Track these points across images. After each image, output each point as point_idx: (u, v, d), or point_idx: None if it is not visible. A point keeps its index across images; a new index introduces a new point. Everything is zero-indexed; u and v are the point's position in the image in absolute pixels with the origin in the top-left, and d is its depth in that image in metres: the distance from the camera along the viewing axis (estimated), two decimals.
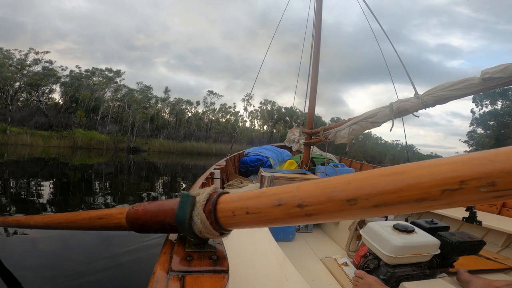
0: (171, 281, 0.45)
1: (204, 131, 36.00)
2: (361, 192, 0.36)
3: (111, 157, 15.88)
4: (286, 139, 4.43)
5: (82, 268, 2.15)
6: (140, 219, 0.58)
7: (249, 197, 0.46)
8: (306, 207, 0.39)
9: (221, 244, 0.57)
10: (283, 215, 0.41)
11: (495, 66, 1.90)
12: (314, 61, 3.77)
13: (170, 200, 0.56)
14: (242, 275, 0.77)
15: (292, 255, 1.58)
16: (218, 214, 0.49)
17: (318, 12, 3.80)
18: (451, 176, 0.31)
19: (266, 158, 4.03)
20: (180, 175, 10.91)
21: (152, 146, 25.72)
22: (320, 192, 0.38)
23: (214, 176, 2.55)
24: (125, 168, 11.55)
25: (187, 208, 0.50)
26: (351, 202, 0.36)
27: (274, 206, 0.42)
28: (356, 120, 2.87)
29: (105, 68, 32.24)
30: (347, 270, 1.42)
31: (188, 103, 38.21)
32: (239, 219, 0.47)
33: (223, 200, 0.50)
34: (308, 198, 0.39)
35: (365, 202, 0.35)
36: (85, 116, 26.65)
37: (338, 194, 0.37)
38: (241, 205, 0.46)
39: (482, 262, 1.75)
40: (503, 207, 2.42)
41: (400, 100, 2.59)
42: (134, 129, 27.77)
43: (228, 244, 0.57)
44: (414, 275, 1.20)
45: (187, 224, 0.50)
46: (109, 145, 22.81)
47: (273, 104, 42.61)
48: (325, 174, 3.32)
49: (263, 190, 0.45)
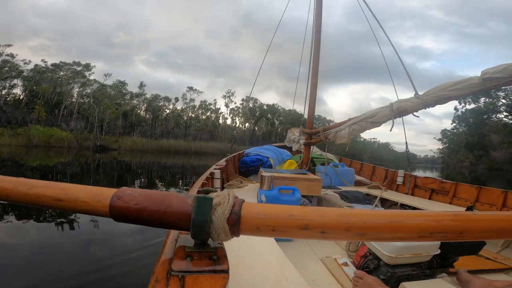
0: (171, 281, 0.45)
1: (183, 128, 34.47)
2: (371, 229, 0.47)
3: (75, 157, 14.30)
4: (286, 139, 4.44)
5: (82, 268, 2.15)
6: (132, 214, 0.52)
7: (277, 216, 0.49)
8: (326, 234, 0.48)
9: (221, 244, 0.57)
10: (304, 236, 0.49)
11: (495, 66, 1.90)
12: (314, 62, 3.77)
13: (175, 197, 0.53)
14: (242, 275, 0.77)
15: (292, 255, 1.58)
16: (241, 227, 0.50)
17: (318, 13, 3.80)
18: (426, 228, 0.47)
19: (266, 158, 4.03)
20: (158, 175, 10.10)
21: (123, 145, 23.76)
22: (341, 225, 0.48)
23: (214, 176, 2.55)
24: (91, 168, 10.54)
25: (206, 214, 0.49)
26: (362, 235, 0.48)
27: (300, 229, 0.48)
28: (356, 120, 2.87)
29: (72, 62, 29.94)
30: (347, 270, 1.42)
31: (166, 100, 36.80)
32: (262, 233, 0.50)
33: (247, 212, 0.50)
34: (331, 228, 0.48)
35: (371, 236, 0.49)
36: (45, 111, 24.42)
37: (354, 228, 0.47)
38: (268, 223, 0.49)
39: (482, 262, 1.75)
40: (503, 207, 2.42)
41: (400, 100, 2.59)
42: (103, 126, 25.73)
43: (228, 244, 0.57)
44: (414, 275, 1.20)
45: (206, 229, 0.49)
46: (71, 143, 20.75)
47: (255, 101, 41.53)
48: (325, 174, 3.32)
49: (291, 212, 0.50)
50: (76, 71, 29.17)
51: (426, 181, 3.17)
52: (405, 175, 3.43)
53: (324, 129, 3.26)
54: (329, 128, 3.21)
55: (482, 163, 30.92)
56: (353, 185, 3.55)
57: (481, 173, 25.00)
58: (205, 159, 20.61)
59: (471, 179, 15.87)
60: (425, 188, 3.15)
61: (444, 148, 41.32)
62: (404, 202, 2.86)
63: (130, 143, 24.45)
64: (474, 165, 31.82)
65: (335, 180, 3.39)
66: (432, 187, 3.06)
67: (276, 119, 42.98)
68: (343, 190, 2.93)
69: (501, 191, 2.47)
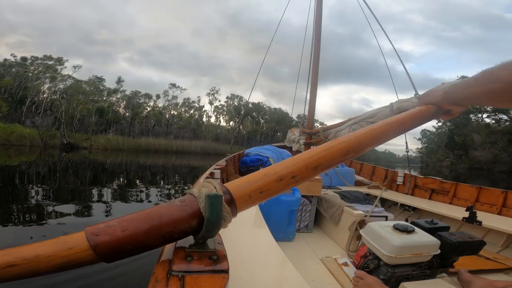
0: (171, 281, 0.45)
1: (165, 126, 33.10)
2: (320, 160, 0.59)
3: (39, 156, 12.82)
4: (286, 139, 4.44)
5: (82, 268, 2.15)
6: (127, 244, 0.44)
7: (257, 179, 0.56)
8: (296, 177, 0.57)
9: (221, 244, 0.57)
10: (283, 186, 0.56)
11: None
12: (314, 62, 3.78)
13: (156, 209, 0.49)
14: (242, 275, 0.77)
15: (292, 255, 1.58)
16: (236, 202, 0.53)
17: (318, 13, 3.80)
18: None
19: (266, 158, 4.03)
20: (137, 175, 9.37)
21: (95, 143, 21.91)
22: (302, 164, 0.58)
23: (214, 176, 2.55)
24: (58, 168, 9.50)
25: (219, 208, 0.49)
26: (316, 167, 0.59)
27: (277, 181, 0.55)
28: (356, 120, 2.87)
29: (43, 56, 27.92)
30: (347, 270, 1.42)
31: (146, 97, 35.18)
32: (254, 199, 0.54)
33: (232, 188, 0.54)
34: (297, 170, 0.57)
35: (321, 168, 0.59)
36: (8, 107, 22.33)
37: (309, 164, 0.58)
38: (255, 188, 0.54)
39: (482, 262, 1.75)
40: (503, 207, 2.42)
41: (400, 100, 2.59)
42: (74, 123, 24.11)
43: (228, 244, 0.57)
44: (414, 275, 1.20)
45: (220, 222, 0.50)
46: (34, 141, 18.76)
47: (240, 99, 40.41)
48: (325, 174, 3.33)
49: (264, 172, 0.57)
50: (47, 66, 27.34)
51: (426, 181, 3.17)
52: (405, 175, 3.43)
53: (324, 129, 3.26)
54: (329, 128, 3.22)
55: (462, 163, 31.36)
56: (353, 185, 3.55)
57: (461, 172, 24.89)
58: (188, 159, 19.53)
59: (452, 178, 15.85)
60: (425, 188, 3.15)
61: (422, 148, 42.97)
62: (404, 202, 2.86)
63: (104, 141, 22.59)
64: (454, 164, 32.25)
65: (335, 180, 3.40)
66: (432, 187, 3.06)
67: (261, 118, 42.19)
68: (343, 190, 2.93)
69: (501, 191, 2.47)
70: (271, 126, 41.33)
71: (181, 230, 0.49)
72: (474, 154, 29.02)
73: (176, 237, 0.50)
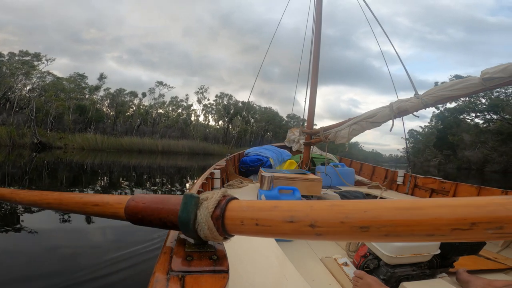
0: (171, 281, 0.45)
1: (151, 125, 31.86)
2: (375, 221, 0.37)
3: (8, 156, 11.86)
4: (286, 139, 4.44)
5: (81, 268, 2.15)
6: (140, 213, 0.57)
7: (261, 208, 0.46)
8: (317, 228, 0.40)
9: (221, 244, 0.57)
10: (293, 232, 0.42)
11: (495, 66, 1.90)
12: (314, 62, 3.78)
13: (174, 197, 0.56)
14: (242, 275, 0.77)
15: (292, 255, 1.58)
16: (225, 221, 0.49)
17: (318, 13, 3.80)
18: (464, 217, 0.34)
19: (266, 158, 4.03)
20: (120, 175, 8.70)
21: (71, 142, 20.32)
22: (334, 215, 0.39)
23: (214, 176, 2.55)
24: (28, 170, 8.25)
25: (190, 210, 0.50)
26: (364, 229, 0.37)
27: (285, 222, 0.42)
28: (356, 120, 2.87)
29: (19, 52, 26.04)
30: (347, 270, 1.42)
31: (132, 95, 33.69)
32: (246, 228, 0.47)
33: (232, 207, 0.50)
34: (321, 220, 0.39)
35: (377, 231, 0.37)
36: None
37: (352, 220, 0.38)
38: (251, 216, 0.46)
39: (482, 262, 1.75)
40: None
41: (400, 100, 2.60)
42: (48, 121, 22.71)
43: (228, 244, 0.57)
44: (414, 275, 1.20)
45: (191, 226, 0.50)
46: (2, 140, 17.46)
47: (229, 97, 39.34)
48: (325, 174, 3.32)
49: (276, 204, 0.45)
50: (23, 62, 25.40)
51: (426, 181, 3.18)
52: (405, 175, 3.43)
53: (324, 129, 3.26)
54: (329, 128, 3.22)
55: (451, 162, 31.29)
56: (353, 185, 3.55)
57: (449, 172, 24.55)
58: (174, 159, 18.48)
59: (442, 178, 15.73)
60: (425, 188, 3.15)
61: (409, 148, 42.95)
62: None
63: (80, 140, 20.88)
64: (442, 164, 32.15)
65: (335, 180, 3.39)
66: (432, 187, 3.06)
67: (251, 117, 41.25)
68: (343, 190, 2.93)
69: (501, 191, 2.47)
70: (261, 126, 40.95)
71: (171, 220, 0.53)
72: (463, 154, 28.87)
73: (168, 225, 0.55)
